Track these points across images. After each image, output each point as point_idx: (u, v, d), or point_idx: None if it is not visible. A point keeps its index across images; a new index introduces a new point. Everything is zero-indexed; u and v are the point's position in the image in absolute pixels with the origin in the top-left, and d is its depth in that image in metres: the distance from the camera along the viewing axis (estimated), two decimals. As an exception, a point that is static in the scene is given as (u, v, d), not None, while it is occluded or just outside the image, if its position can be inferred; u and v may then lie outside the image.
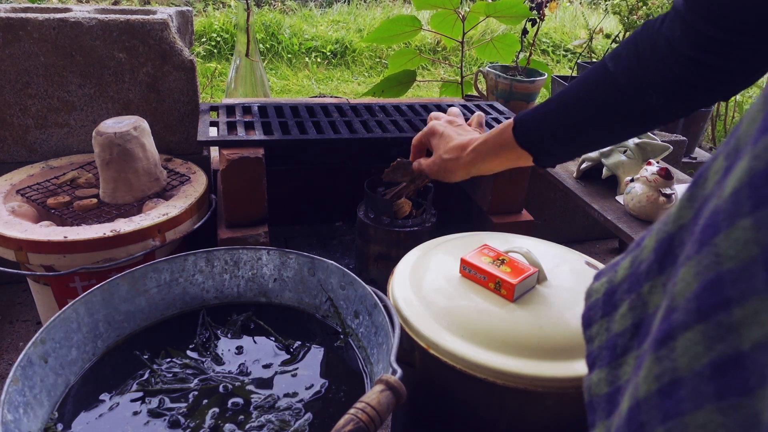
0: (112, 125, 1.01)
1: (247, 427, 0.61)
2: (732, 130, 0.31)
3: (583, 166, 1.24)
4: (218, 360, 0.71)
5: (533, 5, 1.70)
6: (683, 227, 0.33)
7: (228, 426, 0.61)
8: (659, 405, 0.29)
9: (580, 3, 5.22)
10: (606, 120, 0.65)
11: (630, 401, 0.32)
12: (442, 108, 1.30)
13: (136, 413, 0.63)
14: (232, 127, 1.09)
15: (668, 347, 0.29)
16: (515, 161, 0.74)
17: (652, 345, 0.31)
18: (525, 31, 1.76)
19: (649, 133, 1.20)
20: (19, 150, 1.17)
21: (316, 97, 2.07)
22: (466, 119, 1.02)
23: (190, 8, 1.40)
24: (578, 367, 0.62)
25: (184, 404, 0.64)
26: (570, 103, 0.67)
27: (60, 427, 0.60)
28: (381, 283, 1.10)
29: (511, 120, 0.72)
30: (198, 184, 1.09)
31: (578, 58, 2.63)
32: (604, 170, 1.19)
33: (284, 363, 0.71)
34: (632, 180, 1.08)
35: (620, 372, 0.37)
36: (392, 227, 1.06)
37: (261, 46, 3.81)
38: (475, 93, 1.76)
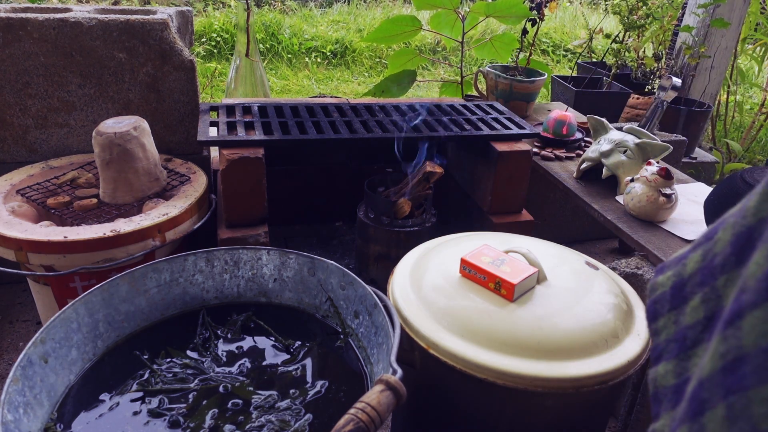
0: (112, 125, 1.01)
1: (247, 427, 0.61)
2: None
3: (583, 166, 1.24)
4: (218, 360, 0.71)
5: (533, 5, 1.70)
6: (763, 220, 0.34)
7: (228, 426, 0.61)
8: (722, 382, 0.29)
9: (580, 3, 5.22)
10: None
11: (694, 383, 0.32)
12: (442, 108, 1.30)
13: (136, 413, 0.63)
14: (232, 127, 1.09)
15: (735, 326, 0.29)
16: None
17: (720, 326, 0.31)
18: (525, 31, 1.76)
19: (648, 133, 1.20)
20: (19, 150, 1.17)
21: (316, 97, 2.07)
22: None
23: (190, 8, 1.40)
24: (578, 367, 0.62)
25: (184, 404, 0.64)
26: None
27: (60, 427, 0.60)
28: (381, 283, 1.10)
29: None
30: (198, 184, 1.09)
31: (578, 58, 2.63)
32: (604, 170, 1.19)
33: (284, 363, 0.71)
34: (632, 180, 1.08)
35: (689, 364, 0.37)
36: (392, 227, 1.07)
37: (261, 46, 3.81)
38: (475, 93, 1.76)
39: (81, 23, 1.10)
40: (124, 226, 0.93)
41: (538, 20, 1.71)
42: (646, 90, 2.03)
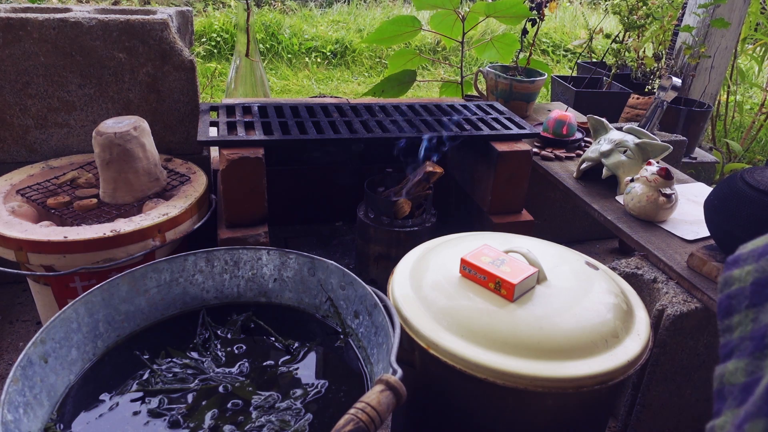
0: (112, 125, 1.01)
1: (247, 427, 0.61)
2: None
3: (583, 166, 1.24)
4: (218, 360, 0.71)
5: (533, 5, 1.70)
6: None
7: (228, 426, 0.61)
8: None
9: (580, 3, 5.22)
10: None
11: (763, 385, 0.31)
12: (442, 108, 1.30)
13: (136, 413, 0.63)
14: (232, 127, 1.09)
15: None
16: None
17: None
18: (525, 31, 1.76)
19: (648, 133, 1.20)
20: (19, 150, 1.17)
21: (316, 97, 2.07)
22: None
23: (190, 8, 1.40)
24: (578, 367, 0.62)
25: (184, 404, 0.64)
26: None
27: (60, 427, 0.60)
28: (381, 283, 1.10)
29: None
30: (198, 184, 1.09)
31: (578, 58, 2.63)
32: (604, 170, 1.19)
33: (284, 363, 0.71)
34: (632, 180, 1.08)
35: (764, 363, 0.36)
36: (392, 227, 1.06)
37: (261, 46, 3.81)
38: (475, 93, 1.76)
39: (81, 23, 1.10)
40: (124, 226, 0.93)
41: (538, 20, 1.71)
42: (646, 90, 2.03)
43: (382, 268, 1.11)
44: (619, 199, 1.15)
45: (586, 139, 1.46)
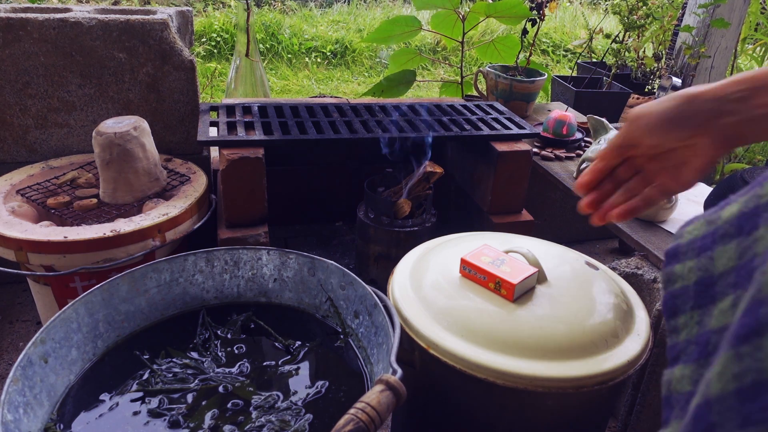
0: (112, 125, 1.01)
1: (247, 427, 0.61)
2: None
3: (583, 166, 1.24)
4: (218, 360, 0.71)
5: (533, 5, 1.70)
6: None
7: (228, 426, 0.61)
8: (738, 408, 0.26)
9: (580, 3, 5.22)
10: None
11: (699, 399, 0.29)
12: (442, 108, 1.30)
13: (136, 413, 0.63)
14: (232, 127, 1.09)
15: (752, 344, 0.26)
16: None
17: (731, 340, 0.28)
18: (525, 32, 1.76)
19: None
20: (19, 150, 1.17)
21: (316, 97, 2.07)
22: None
23: (190, 8, 1.40)
24: (578, 367, 0.62)
25: (184, 404, 0.64)
26: None
27: (60, 427, 0.60)
28: (381, 283, 1.10)
29: None
30: (198, 184, 1.09)
31: (578, 58, 2.63)
32: None
33: (284, 363, 0.71)
34: (632, 180, 1.08)
35: (705, 372, 0.33)
36: (392, 227, 1.06)
37: (261, 46, 3.81)
38: (475, 93, 1.76)
39: (81, 23, 1.10)
40: (124, 226, 0.93)
41: (538, 20, 1.71)
42: (646, 90, 2.03)
43: (382, 268, 1.11)
44: (619, 199, 1.15)
45: (586, 139, 1.46)
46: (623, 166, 0.58)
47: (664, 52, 2.09)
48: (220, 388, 0.66)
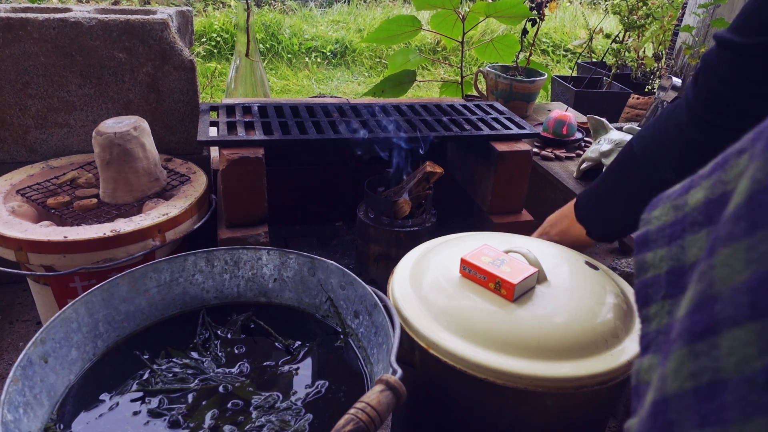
0: (112, 125, 1.01)
1: (247, 427, 0.61)
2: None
3: (583, 166, 1.24)
4: (218, 360, 0.71)
5: (533, 5, 1.70)
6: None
7: (228, 426, 0.61)
8: (695, 407, 0.26)
9: (580, 3, 5.23)
10: (634, 196, 0.75)
11: (656, 394, 0.28)
12: (442, 108, 1.30)
13: (136, 413, 0.63)
14: (232, 127, 1.09)
15: (708, 343, 0.26)
16: (573, 233, 0.86)
17: (685, 336, 0.27)
18: (525, 31, 1.76)
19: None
20: (19, 150, 1.17)
21: (316, 97, 2.07)
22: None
23: (190, 8, 1.40)
24: (578, 367, 0.62)
25: (184, 404, 0.64)
26: (609, 179, 0.80)
27: (60, 427, 0.60)
28: (381, 283, 1.10)
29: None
30: (198, 184, 1.09)
31: (578, 58, 2.63)
32: (604, 170, 1.19)
33: (284, 363, 0.71)
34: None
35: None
36: (392, 227, 1.07)
37: (261, 46, 3.82)
38: (475, 93, 1.76)
39: (81, 23, 1.10)
40: (124, 226, 0.93)
41: (538, 20, 1.71)
42: (646, 90, 2.04)
43: (382, 267, 1.11)
44: (619, 199, 1.15)
45: (586, 139, 1.46)
46: None
47: (664, 52, 2.09)
48: (220, 388, 0.66)
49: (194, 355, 0.72)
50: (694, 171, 0.61)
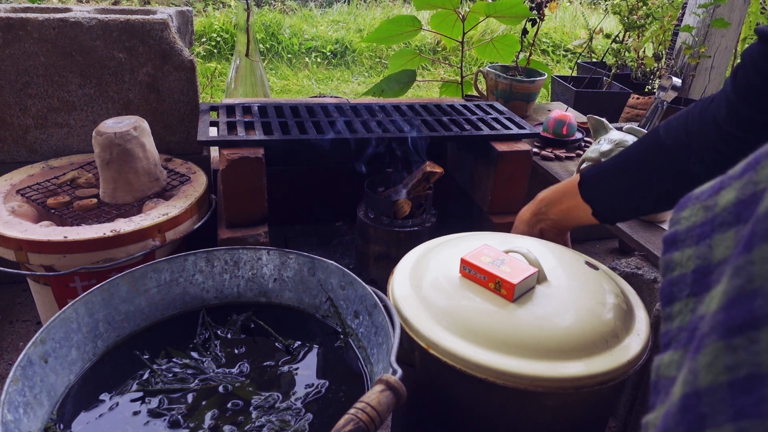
0: (112, 125, 1.01)
1: (247, 427, 0.61)
2: None
3: (583, 166, 1.24)
4: (218, 360, 0.71)
5: (533, 5, 1.70)
6: None
7: (228, 426, 0.61)
8: (730, 400, 0.26)
9: (580, 3, 5.23)
10: (653, 182, 0.74)
11: (686, 388, 0.29)
12: (442, 108, 1.30)
13: (136, 413, 0.63)
14: (232, 127, 1.09)
15: (747, 337, 0.26)
16: (575, 212, 0.83)
17: (720, 330, 0.27)
18: (525, 31, 1.76)
19: (649, 133, 1.20)
20: (19, 150, 1.17)
21: (316, 97, 2.07)
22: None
23: (190, 8, 1.40)
24: (578, 367, 0.62)
25: (184, 404, 0.64)
26: (626, 163, 0.77)
27: (60, 427, 0.60)
28: (381, 283, 1.10)
29: (578, 175, 0.83)
30: (198, 184, 1.09)
31: (578, 58, 2.63)
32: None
33: (284, 363, 0.71)
34: (632, 180, 1.08)
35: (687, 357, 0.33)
36: (392, 227, 1.07)
37: (261, 46, 3.81)
38: (475, 93, 1.76)
39: (81, 23, 1.10)
40: (124, 226, 0.93)
41: (538, 20, 1.71)
42: (646, 90, 2.03)
43: (382, 268, 1.11)
44: (619, 199, 1.15)
45: (586, 139, 1.46)
46: None
47: (664, 52, 2.09)
48: (220, 388, 0.66)
49: (194, 355, 0.72)
50: (724, 165, 0.61)
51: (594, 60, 2.37)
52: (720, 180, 0.36)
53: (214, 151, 1.32)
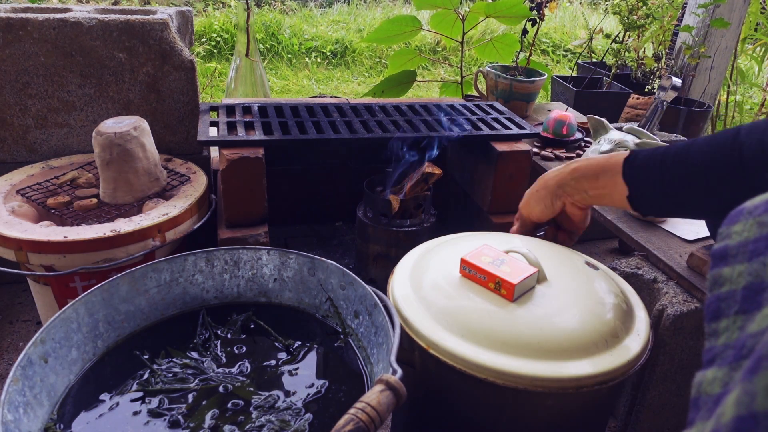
0: (112, 125, 1.01)
1: (247, 427, 0.61)
2: None
3: (583, 166, 1.24)
4: (218, 360, 0.71)
5: (533, 5, 1.70)
6: None
7: (228, 426, 0.61)
8: None
9: (580, 3, 5.23)
10: (713, 187, 0.64)
11: (740, 409, 0.28)
12: (442, 108, 1.30)
13: (136, 413, 0.63)
14: (232, 127, 1.09)
15: None
16: (611, 192, 0.74)
17: None
18: (525, 31, 1.76)
19: (648, 133, 1.20)
20: (19, 150, 1.17)
21: (316, 97, 2.07)
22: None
23: (190, 8, 1.40)
24: (578, 367, 0.62)
25: (184, 404, 0.64)
26: (690, 152, 0.67)
27: (60, 427, 0.60)
28: (380, 282, 1.10)
29: (626, 152, 0.74)
30: (198, 184, 1.09)
31: (578, 58, 2.63)
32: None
33: (284, 363, 0.71)
34: (632, 180, 1.08)
35: (736, 375, 0.32)
36: (390, 227, 1.07)
37: (261, 46, 3.81)
38: (475, 93, 1.76)
39: (81, 23, 1.10)
40: (124, 226, 0.93)
41: (538, 20, 1.71)
42: (646, 90, 2.03)
43: (381, 267, 1.11)
44: (619, 199, 1.15)
45: (586, 139, 1.46)
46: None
47: (664, 52, 2.09)
48: (220, 388, 0.66)
49: (194, 355, 0.72)
50: None
51: (594, 60, 2.37)
52: None
53: (214, 151, 1.32)
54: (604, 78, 1.98)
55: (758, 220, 0.35)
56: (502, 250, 0.74)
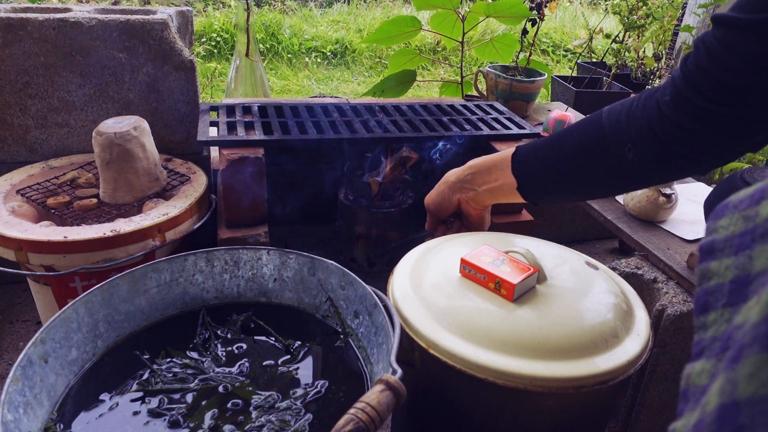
0: (112, 125, 1.01)
1: (247, 427, 0.61)
2: None
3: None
4: (218, 360, 0.71)
5: (533, 5, 1.70)
6: None
7: (228, 426, 0.61)
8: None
9: (580, 3, 5.23)
10: (586, 166, 0.71)
11: (723, 398, 0.29)
12: (442, 108, 1.30)
13: (136, 413, 0.63)
14: (232, 127, 1.09)
15: None
16: (502, 184, 0.80)
17: (763, 342, 0.27)
18: (525, 31, 1.76)
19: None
20: (19, 150, 1.17)
21: (316, 97, 2.07)
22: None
23: (190, 8, 1.40)
24: (578, 367, 0.62)
25: (184, 404, 0.64)
26: (564, 139, 0.74)
27: (60, 427, 0.60)
28: (360, 262, 1.16)
29: (513, 147, 0.80)
30: (198, 184, 1.09)
31: (578, 58, 2.63)
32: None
33: (284, 363, 0.71)
34: (632, 180, 1.08)
35: (721, 366, 0.33)
36: (371, 208, 1.12)
37: (261, 46, 3.82)
38: (475, 93, 1.76)
39: (81, 23, 1.10)
40: (124, 226, 0.93)
41: (538, 20, 1.71)
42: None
43: (361, 247, 1.16)
44: (619, 199, 1.15)
45: (586, 139, 1.46)
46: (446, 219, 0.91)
47: (664, 52, 2.10)
48: (220, 388, 0.66)
49: (194, 355, 0.72)
50: (660, 156, 0.65)
51: (594, 60, 2.37)
52: (761, 189, 0.35)
53: (214, 151, 1.32)
54: (604, 78, 1.98)
55: (743, 214, 0.36)
56: (502, 250, 0.74)
